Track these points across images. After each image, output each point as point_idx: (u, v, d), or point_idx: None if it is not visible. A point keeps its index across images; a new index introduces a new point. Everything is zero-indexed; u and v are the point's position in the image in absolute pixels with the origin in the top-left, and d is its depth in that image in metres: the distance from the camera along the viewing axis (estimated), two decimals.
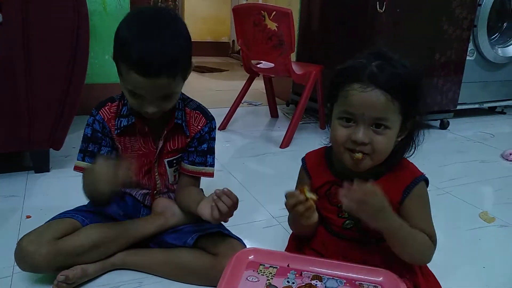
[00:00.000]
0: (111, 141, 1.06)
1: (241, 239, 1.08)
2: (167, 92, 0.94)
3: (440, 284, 0.92)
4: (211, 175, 1.12)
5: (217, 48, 5.79)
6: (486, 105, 2.96)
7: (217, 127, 1.16)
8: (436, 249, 0.85)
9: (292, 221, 0.97)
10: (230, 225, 1.12)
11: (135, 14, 0.94)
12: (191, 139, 1.08)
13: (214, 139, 1.11)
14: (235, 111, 2.44)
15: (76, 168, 1.05)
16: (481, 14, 2.58)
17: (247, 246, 1.07)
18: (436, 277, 0.93)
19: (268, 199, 1.54)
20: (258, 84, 2.68)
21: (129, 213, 1.12)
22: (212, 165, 1.12)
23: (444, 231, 1.28)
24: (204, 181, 1.17)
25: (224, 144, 2.19)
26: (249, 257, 0.92)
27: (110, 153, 1.06)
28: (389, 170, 0.86)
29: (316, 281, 0.84)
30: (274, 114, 2.75)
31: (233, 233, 1.09)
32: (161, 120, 1.04)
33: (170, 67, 0.89)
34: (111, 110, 1.05)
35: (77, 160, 1.06)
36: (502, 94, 2.98)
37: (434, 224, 0.87)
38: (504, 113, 3.09)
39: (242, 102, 2.50)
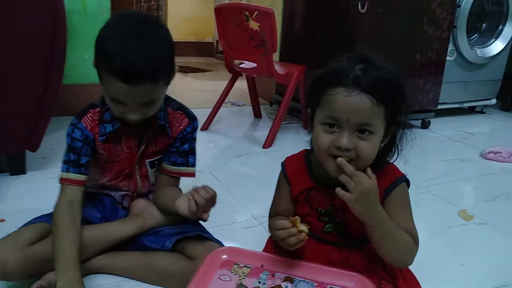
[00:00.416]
0: (91, 149, 1.03)
1: (220, 242, 1.06)
2: (150, 98, 0.92)
3: (420, 285, 0.92)
4: (192, 175, 1.11)
5: (201, 48, 5.76)
6: (466, 105, 3.01)
7: (199, 127, 1.15)
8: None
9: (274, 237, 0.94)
10: (210, 226, 1.11)
11: (117, 21, 0.91)
12: (173, 139, 1.07)
13: (195, 139, 1.11)
14: (217, 111, 2.43)
15: (63, 180, 1.01)
16: (460, 15, 2.62)
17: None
18: (416, 276, 0.93)
19: (250, 200, 1.53)
20: (242, 85, 2.67)
21: (106, 215, 1.09)
22: (194, 165, 1.11)
23: (424, 230, 1.29)
24: (186, 183, 1.16)
25: (206, 145, 2.16)
26: (223, 256, 0.91)
27: (89, 162, 1.02)
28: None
29: (287, 283, 0.84)
30: (257, 115, 2.74)
31: (213, 234, 1.08)
32: (144, 122, 1.02)
33: (153, 75, 0.88)
34: (94, 118, 1.02)
35: (62, 171, 1.01)
36: (482, 94, 3.03)
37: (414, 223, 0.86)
38: (484, 113, 3.14)
39: (225, 102, 2.49)
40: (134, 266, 1.03)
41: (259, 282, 0.84)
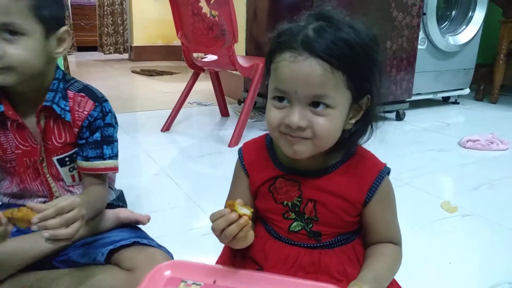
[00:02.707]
0: None
1: (166, 249, 0.89)
2: (6, 20, 0.73)
3: (401, 285, 0.77)
4: (113, 169, 0.92)
5: (169, 52, 5.56)
6: (439, 95, 2.92)
7: (160, 129, 0.95)
8: None
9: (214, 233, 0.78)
10: (160, 234, 0.96)
11: None
12: (79, 128, 0.88)
13: (110, 125, 0.91)
14: (179, 110, 2.25)
15: None
16: (429, 1, 2.53)
17: (180, 257, 0.88)
18: (397, 278, 0.78)
19: (210, 203, 1.35)
20: (209, 85, 2.51)
21: (23, 228, 0.90)
22: (113, 156, 0.91)
23: (406, 226, 1.14)
24: (143, 189, 0.97)
25: (166, 146, 1.99)
26: (166, 273, 0.73)
27: None
28: (344, 160, 0.71)
29: None
30: (224, 113, 2.57)
31: (164, 243, 0.91)
32: (35, 107, 0.84)
33: None
34: None
35: None
36: (455, 84, 2.95)
37: None
38: (458, 103, 3.07)
39: (191, 103, 2.32)
40: (63, 283, 0.85)
41: None
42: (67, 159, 0.90)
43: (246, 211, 0.66)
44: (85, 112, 0.87)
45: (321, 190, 0.71)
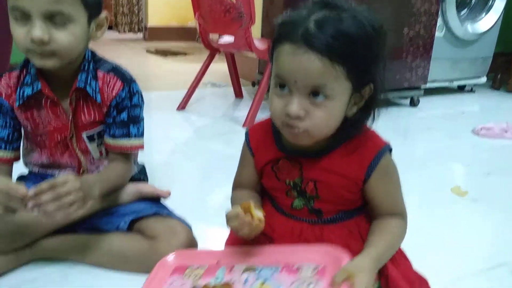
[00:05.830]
0: (10, 121, 0.90)
1: (185, 220, 0.94)
2: (52, 8, 0.76)
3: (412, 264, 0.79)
4: (139, 147, 0.96)
5: (183, 33, 5.55)
6: (455, 83, 2.90)
7: (176, 107, 0.99)
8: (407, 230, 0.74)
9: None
10: (175, 207, 0.99)
11: None
12: (107, 108, 0.91)
13: (138, 105, 0.94)
14: (195, 89, 2.28)
15: None
16: None
17: (196, 229, 0.93)
18: (407, 256, 0.80)
19: (226, 180, 1.39)
20: (224, 67, 2.53)
21: None
22: (138, 136, 0.95)
23: (416, 208, 1.18)
24: (160, 164, 1.01)
25: (181, 124, 2.03)
26: (172, 262, 0.76)
27: (12, 136, 0.90)
28: (346, 140, 0.72)
29: (248, 273, 0.70)
30: (238, 95, 2.59)
31: (179, 215, 0.95)
32: (67, 86, 0.88)
33: None
34: (10, 83, 0.88)
35: None
36: (472, 72, 2.92)
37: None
38: (474, 92, 3.04)
39: (205, 83, 2.35)
40: (85, 249, 0.91)
41: (217, 279, 0.69)
42: (95, 135, 0.94)
43: (260, 215, 0.69)
44: (114, 92, 0.90)
45: (321, 169, 0.73)
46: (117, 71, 0.92)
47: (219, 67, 2.30)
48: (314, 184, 0.74)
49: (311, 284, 0.65)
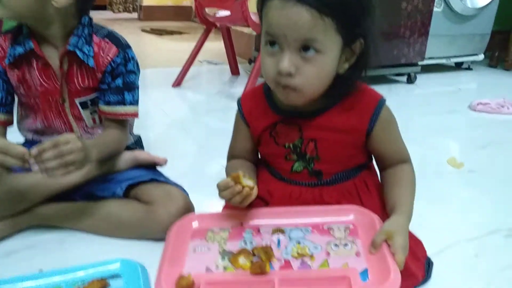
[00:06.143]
0: (5, 84, 0.89)
1: (181, 186, 0.93)
2: None
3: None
4: (133, 115, 0.95)
5: (179, 12, 5.48)
6: (453, 60, 2.88)
7: (171, 84, 0.98)
8: None
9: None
10: (173, 176, 0.99)
11: None
12: (102, 74, 0.90)
13: (133, 72, 0.93)
14: (190, 66, 2.25)
15: None
16: None
17: (193, 198, 0.93)
18: None
19: (221, 152, 1.38)
20: (220, 45, 2.50)
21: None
22: (133, 103, 0.94)
23: None
24: (156, 138, 1.00)
25: (177, 100, 2.02)
26: (193, 224, 0.74)
27: (5, 99, 0.90)
28: (342, 97, 0.73)
29: (278, 235, 0.69)
30: (235, 72, 2.57)
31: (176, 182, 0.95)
32: (57, 48, 0.87)
33: None
34: (4, 45, 0.88)
35: None
36: (469, 49, 2.89)
37: None
38: (471, 69, 3.02)
39: (201, 61, 2.32)
40: (82, 215, 0.91)
41: (245, 243, 0.68)
42: (89, 102, 0.93)
43: (250, 183, 0.69)
44: (108, 58, 0.89)
45: (321, 128, 0.73)
46: (112, 37, 0.91)
47: (215, 45, 2.28)
48: (314, 144, 0.74)
49: (348, 244, 0.65)
